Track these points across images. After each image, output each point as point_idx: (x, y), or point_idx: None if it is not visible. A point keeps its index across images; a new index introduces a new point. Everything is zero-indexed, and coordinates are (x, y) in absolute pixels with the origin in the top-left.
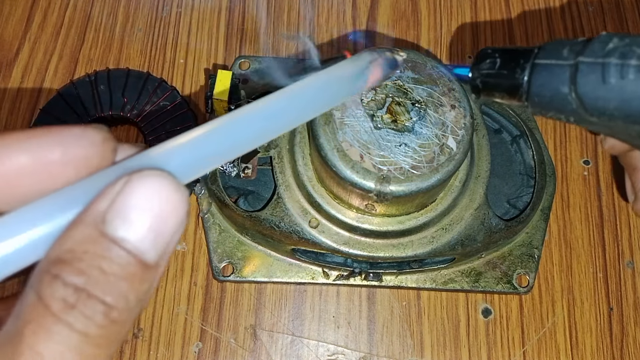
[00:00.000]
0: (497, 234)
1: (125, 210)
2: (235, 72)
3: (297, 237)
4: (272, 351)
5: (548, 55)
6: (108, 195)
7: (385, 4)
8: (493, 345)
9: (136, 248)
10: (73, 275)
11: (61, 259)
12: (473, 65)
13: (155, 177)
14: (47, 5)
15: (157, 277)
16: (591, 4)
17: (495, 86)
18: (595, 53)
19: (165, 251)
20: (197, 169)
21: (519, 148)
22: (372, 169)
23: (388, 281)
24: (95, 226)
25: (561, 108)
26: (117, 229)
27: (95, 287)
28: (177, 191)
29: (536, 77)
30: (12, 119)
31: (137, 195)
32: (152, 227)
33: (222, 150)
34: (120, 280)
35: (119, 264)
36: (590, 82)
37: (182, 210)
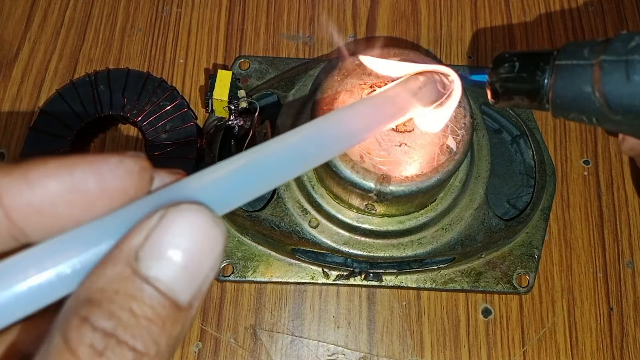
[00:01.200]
0: (497, 234)
1: (161, 247)
2: (235, 72)
3: (297, 237)
4: (272, 351)
5: (569, 55)
6: (143, 230)
7: (385, 4)
8: (493, 345)
9: (169, 289)
10: (103, 318)
11: (91, 300)
12: (491, 70)
13: (193, 212)
14: (47, 5)
15: (190, 319)
16: (591, 4)
17: (515, 90)
18: (618, 51)
19: (200, 291)
20: (234, 201)
21: (519, 148)
22: (372, 169)
23: (388, 281)
24: (128, 263)
25: (584, 108)
26: (151, 267)
27: (126, 332)
28: (215, 226)
29: (558, 78)
30: (12, 119)
31: (173, 231)
32: (188, 266)
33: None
34: (152, 324)
35: (151, 306)
36: (614, 80)
37: (220, 247)
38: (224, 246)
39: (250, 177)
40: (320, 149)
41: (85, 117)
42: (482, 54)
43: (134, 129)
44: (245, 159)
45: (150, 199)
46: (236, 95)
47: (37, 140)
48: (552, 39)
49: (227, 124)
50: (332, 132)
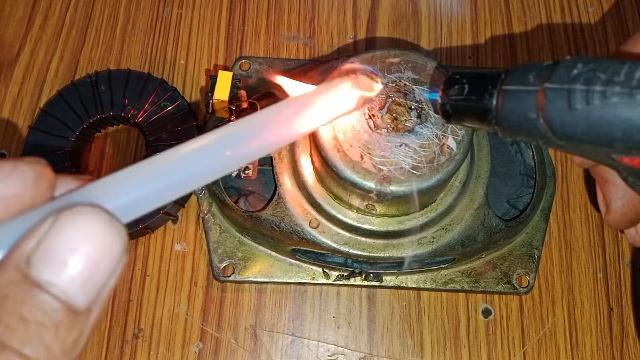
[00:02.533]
0: (497, 234)
1: (53, 251)
2: (235, 72)
3: (298, 237)
4: (272, 351)
5: (515, 80)
6: (35, 236)
7: (386, 5)
8: (493, 345)
9: (64, 293)
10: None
11: None
12: (442, 91)
13: (87, 214)
14: (48, 6)
15: (89, 324)
16: (591, 4)
17: (464, 111)
18: (561, 79)
19: (99, 295)
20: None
21: (519, 148)
22: (372, 169)
23: (388, 281)
24: (18, 269)
25: (530, 133)
26: (43, 271)
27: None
28: (111, 228)
29: (504, 103)
30: (13, 119)
31: (65, 234)
32: (82, 269)
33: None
34: (43, 329)
35: (43, 311)
36: (557, 108)
37: (117, 249)
38: (122, 249)
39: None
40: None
41: (86, 118)
42: (482, 55)
43: (134, 130)
44: (150, 164)
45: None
46: (237, 95)
47: (38, 140)
48: (552, 39)
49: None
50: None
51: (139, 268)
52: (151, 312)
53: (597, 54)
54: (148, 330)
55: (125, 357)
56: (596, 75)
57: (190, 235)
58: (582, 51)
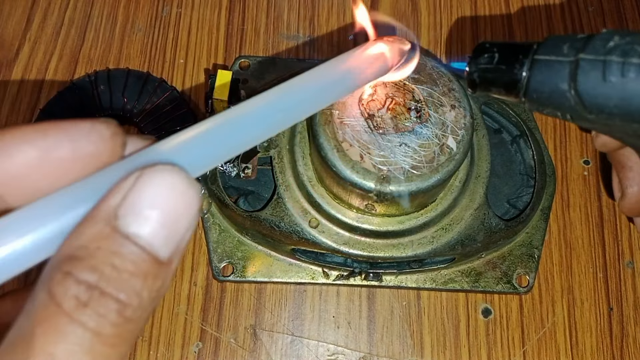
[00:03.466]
0: (497, 234)
1: (138, 206)
2: (235, 72)
3: (297, 237)
4: (272, 351)
5: (548, 51)
6: (120, 191)
7: (385, 4)
8: (493, 345)
9: (149, 244)
10: (86, 272)
11: (73, 256)
12: (470, 60)
13: (168, 172)
14: (47, 5)
15: (170, 274)
16: (591, 4)
17: (492, 81)
18: (597, 50)
19: (178, 247)
20: (207, 162)
21: (519, 148)
22: (372, 169)
23: (388, 281)
24: (108, 222)
25: (559, 105)
26: (130, 225)
27: (109, 285)
28: (190, 186)
29: (535, 73)
30: (12, 119)
31: (149, 191)
32: (165, 223)
33: (233, 143)
34: (133, 277)
35: (132, 261)
36: (591, 79)
37: (195, 205)
38: (199, 205)
39: (218, 139)
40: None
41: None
42: None
43: (133, 129)
44: (213, 122)
45: (125, 164)
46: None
47: None
48: None
49: None
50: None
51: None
52: None
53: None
54: (148, 330)
55: None
56: (634, 47)
57: None
58: None
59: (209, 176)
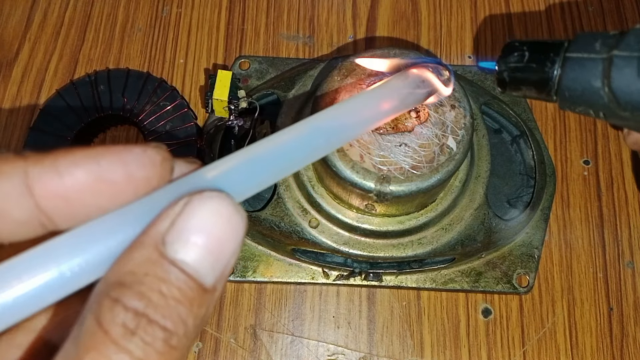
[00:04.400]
0: (497, 234)
1: (186, 232)
2: (235, 72)
3: (297, 237)
4: (272, 351)
5: (580, 48)
6: (168, 217)
7: (386, 4)
8: (493, 345)
9: (196, 271)
10: (134, 299)
11: (121, 282)
12: (500, 58)
13: (216, 199)
14: (47, 5)
15: (214, 301)
16: (591, 4)
17: (523, 80)
18: (631, 46)
19: (223, 274)
20: (251, 188)
21: (519, 148)
22: (372, 169)
23: (388, 281)
24: (156, 247)
25: (592, 103)
26: (177, 251)
27: (156, 312)
28: (236, 212)
29: (567, 71)
30: (12, 118)
31: (197, 217)
32: (211, 250)
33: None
34: (180, 305)
35: (179, 288)
36: (625, 76)
37: (241, 231)
38: (244, 231)
39: (263, 165)
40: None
41: (85, 117)
42: (482, 54)
43: (133, 129)
44: (258, 148)
45: (173, 188)
46: (236, 95)
47: (37, 140)
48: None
49: (227, 124)
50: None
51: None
52: None
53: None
54: None
55: None
56: None
57: None
58: None
59: None
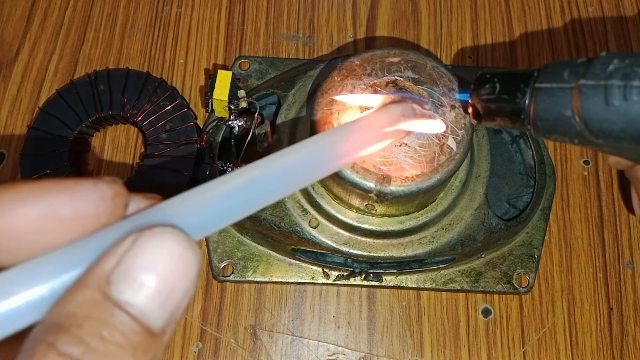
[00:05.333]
0: (497, 234)
1: (133, 271)
2: (235, 72)
3: (297, 237)
4: (272, 351)
5: (548, 78)
6: (115, 254)
7: (386, 4)
8: (493, 345)
9: (142, 313)
10: (70, 344)
11: (59, 325)
12: (472, 91)
13: (168, 235)
14: (47, 5)
15: (163, 346)
16: (591, 4)
17: (496, 111)
18: (597, 75)
19: (173, 317)
20: (212, 225)
21: (519, 148)
22: (372, 169)
23: (388, 281)
24: (99, 288)
25: (565, 131)
26: (123, 291)
27: (94, 359)
28: (189, 250)
29: (538, 101)
30: (12, 119)
31: (146, 254)
32: (161, 290)
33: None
34: (122, 350)
35: (122, 332)
36: (594, 104)
37: (194, 271)
38: (199, 271)
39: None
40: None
41: (85, 117)
42: (482, 54)
43: (133, 129)
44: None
45: (123, 225)
46: (236, 95)
47: (37, 140)
48: (552, 39)
49: (227, 124)
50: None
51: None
52: None
53: (597, 53)
54: None
55: None
56: (634, 70)
57: None
58: (582, 51)
59: (208, 176)
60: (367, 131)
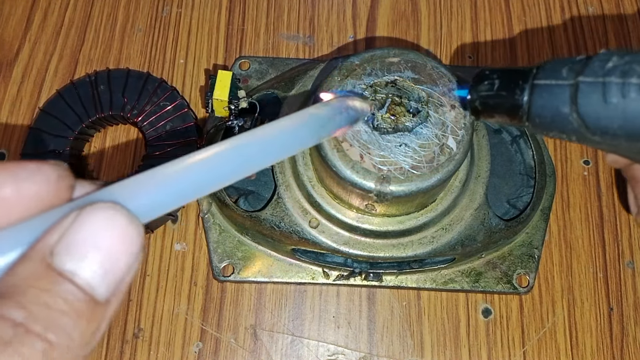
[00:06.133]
0: (497, 234)
1: (76, 244)
2: (235, 72)
3: (297, 237)
4: (272, 351)
5: (547, 75)
6: (57, 230)
7: (386, 4)
8: (493, 345)
9: (87, 283)
10: (12, 309)
11: (1, 294)
12: (471, 87)
13: (107, 210)
14: (47, 5)
15: (107, 317)
16: (591, 4)
17: (494, 107)
18: (595, 72)
19: (118, 288)
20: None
21: (519, 148)
22: (372, 169)
23: (388, 281)
24: (42, 260)
25: (563, 128)
26: (66, 262)
27: (36, 323)
28: (130, 225)
29: (536, 98)
30: (12, 119)
31: (87, 228)
32: (103, 262)
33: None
34: (65, 317)
35: (66, 299)
36: (592, 102)
37: (136, 245)
38: (141, 245)
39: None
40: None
41: (86, 118)
42: (482, 54)
43: (134, 129)
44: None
45: (67, 206)
46: (236, 95)
47: (37, 140)
48: (551, 39)
49: (227, 124)
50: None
51: (139, 268)
52: (151, 312)
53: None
54: (148, 330)
55: (125, 357)
56: (632, 67)
57: (190, 235)
58: (582, 51)
59: None
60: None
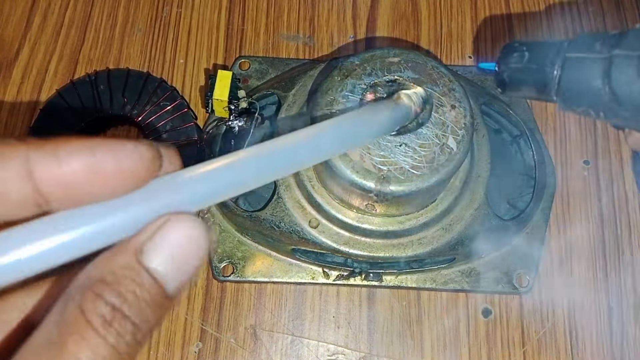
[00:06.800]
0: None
1: (160, 246)
2: (235, 72)
3: (297, 237)
4: (272, 351)
5: (580, 48)
6: (149, 230)
7: (386, 4)
8: (493, 345)
9: (163, 279)
10: (113, 295)
11: (103, 280)
12: (500, 59)
13: (189, 222)
14: (47, 5)
15: (169, 309)
16: (591, 4)
17: (523, 80)
18: (631, 46)
19: (182, 286)
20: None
21: (519, 148)
22: (372, 169)
23: (388, 281)
24: (135, 254)
25: (593, 102)
26: (152, 260)
27: (130, 309)
28: (203, 235)
29: (567, 71)
30: (12, 119)
31: (171, 235)
32: (179, 263)
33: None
34: (147, 306)
35: (148, 292)
36: (625, 75)
37: (203, 251)
38: (207, 251)
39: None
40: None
41: (86, 117)
42: (482, 54)
43: (134, 129)
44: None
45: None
46: (236, 95)
47: None
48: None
49: (227, 124)
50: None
51: None
52: None
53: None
54: None
55: None
56: None
57: None
58: None
59: None
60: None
